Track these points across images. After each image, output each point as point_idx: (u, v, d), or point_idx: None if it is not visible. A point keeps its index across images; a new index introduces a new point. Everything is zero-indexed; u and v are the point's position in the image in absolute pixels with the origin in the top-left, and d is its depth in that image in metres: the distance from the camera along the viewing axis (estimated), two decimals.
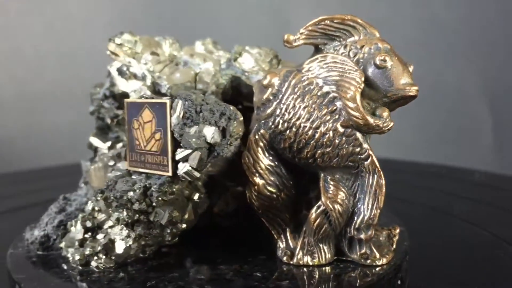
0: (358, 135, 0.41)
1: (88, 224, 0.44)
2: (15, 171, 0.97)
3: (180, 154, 0.40)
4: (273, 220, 0.46)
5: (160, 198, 0.41)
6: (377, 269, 0.42)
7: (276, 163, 0.45)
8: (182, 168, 0.40)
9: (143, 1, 1.13)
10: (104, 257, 0.43)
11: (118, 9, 1.13)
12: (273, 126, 0.43)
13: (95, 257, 0.43)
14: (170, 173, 0.41)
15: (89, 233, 0.45)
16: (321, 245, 0.44)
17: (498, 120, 1.17)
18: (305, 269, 0.43)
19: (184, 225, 0.44)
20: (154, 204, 0.42)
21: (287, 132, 0.43)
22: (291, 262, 0.44)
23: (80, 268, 0.44)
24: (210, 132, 0.39)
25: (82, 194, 0.50)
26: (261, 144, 0.44)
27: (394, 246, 0.45)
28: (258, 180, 0.44)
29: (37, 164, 1.02)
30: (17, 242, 0.50)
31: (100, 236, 0.44)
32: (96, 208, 0.44)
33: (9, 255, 0.47)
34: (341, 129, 0.41)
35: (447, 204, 0.71)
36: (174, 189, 0.41)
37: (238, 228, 0.53)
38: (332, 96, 0.41)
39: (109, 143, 0.54)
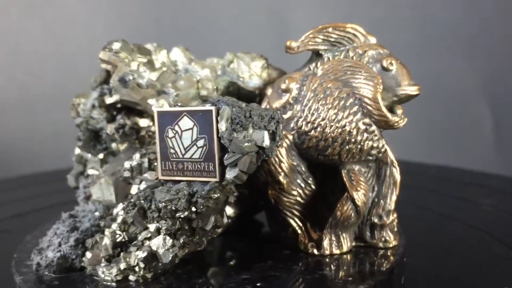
0: (377, 131, 0.46)
1: (118, 238, 0.44)
2: (17, 175, 0.97)
3: (230, 159, 0.41)
4: (295, 216, 0.49)
5: (205, 204, 0.42)
6: (390, 251, 0.48)
7: (298, 162, 0.48)
8: (231, 172, 0.42)
9: (142, 3, 1.14)
10: (143, 269, 0.43)
11: (117, 12, 1.13)
12: (296, 127, 0.47)
13: (132, 271, 0.43)
14: (217, 178, 0.42)
15: (118, 248, 0.44)
16: (344, 234, 0.48)
17: (498, 120, 1.16)
18: (333, 257, 0.47)
19: (221, 229, 0.45)
20: (198, 210, 0.42)
21: (312, 132, 0.46)
22: (318, 253, 0.47)
23: (114, 284, 0.43)
24: (261, 136, 0.41)
25: (91, 209, 0.48)
26: (284, 145, 0.47)
27: (396, 229, 0.50)
28: (282, 179, 0.47)
29: (38, 167, 1.01)
30: (20, 267, 0.47)
31: (133, 249, 0.43)
32: (129, 221, 0.43)
33: (22, 282, 0.44)
34: (363, 127, 0.46)
35: (443, 205, 0.73)
36: (219, 194, 0.42)
37: (240, 231, 0.55)
38: (354, 98, 0.46)
39: (101, 155, 0.52)
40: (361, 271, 0.44)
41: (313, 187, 0.48)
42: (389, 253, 0.47)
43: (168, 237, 0.42)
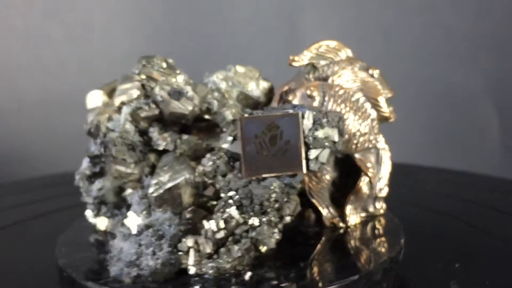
0: (377, 125, 0.60)
1: (219, 236, 0.48)
2: (40, 175, 0.99)
3: (314, 153, 0.50)
4: (320, 199, 0.59)
5: (294, 194, 0.50)
6: (382, 218, 0.62)
7: None
8: (315, 165, 0.51)
9: (158, 9, 1.18)
10: (246, 260, 0.49)
11: (134, 16, 1.17)
12: None
13: (237, 263, 0.48)
14: (304, 171, 0.50)
15: (216, 246, 0.49)
16: (359, 208, 0.60)
17: (504, 122, 1.19)
18: (355, 226, 0.59)
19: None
20: (286, 199, 0.50)
21: None
22: (343, 225, 0.59)
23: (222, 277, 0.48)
24: (334, 133, 0.51)
25: (166, 217, 0.51)
26: None
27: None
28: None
29: (58, 168, 1.02)
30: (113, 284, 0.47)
31: (231, 243, 0.49)
32: (228, 219, 0.49)
33: None
34: (372, 123, 0.59)
35: (451, 207, 0.76)
36: (301, 184, 0.51)
37: None
38: (363, 101, 0.59)
39: (138, 167, 0.54)
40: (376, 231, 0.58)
41: (334, 174, 0.60)
42: (387, 219, 0.62)
43: (268, 226, 0.49)
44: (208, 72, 0.60)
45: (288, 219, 0.50)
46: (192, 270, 0.48)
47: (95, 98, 0.58)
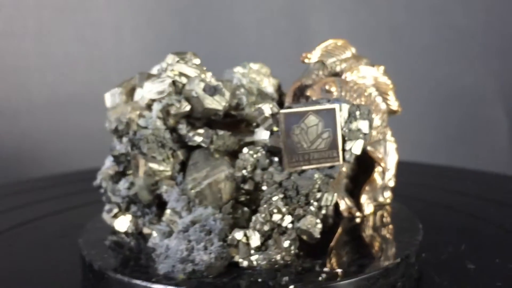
0: (387, 118, 0.63)
1: (266, 228, 0.50)
2: (51, 174, 1.01)
3: (349, 145, 0.52)
4: (339, 190, 0.62)
5: (332, 183, 0.52)
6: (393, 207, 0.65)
7: None
8: (351, 156, 0.53)
9: (168, 8, 1.19)
10: (292, 250, 0.50)
11: (144, 16, 1.19)
12: None
13: (285, 253, 0.50)
14: (340, 162, 0.52)
15: (263, 238, 0.50)
16: (372, 198, 0.63)
17: None
18: (371, 216, 0.62)
19: None
20: (325, 190, 0.52)
21: None
22: (360, 214, 0.62)
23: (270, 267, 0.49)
24: (366, 126, 0.53)
25: (209, 213, 0.51)
26: None
27: None
28: None
29: (68, 166, 1.05)
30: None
31: (276, 235, 0.50)
32: (275, 211, 0.50)
33: None
34: (382, 116, 0.62)
35: (466, 204, 0.78)
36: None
37: None
38: (375, 95, 0.62)
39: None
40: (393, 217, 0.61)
41: (349, 166, 0.62)
42: (395, 208, 0.65)
43: (312, 217, 0.51)
44: (218, 72, 0.60)
45: (329, 208, 0.52)
46: (243, 263, 0.48)
47: (115, 96, 0.56)
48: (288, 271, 0.48)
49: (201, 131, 0.53)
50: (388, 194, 0.65)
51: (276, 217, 0.50)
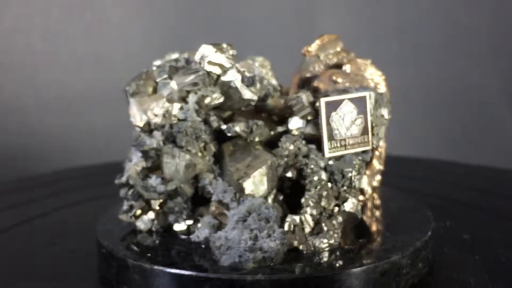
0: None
1: (316, 212, 0.52)
2: (59, 169, 1.02)
3: (376, 130, 0.56)
4: None
5: (364, 168, 0.56)
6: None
7: None
8: (376, 140, 0.56)
9: (175, 6, 1.20)
10: (340, 232, 0.53)
11: (151, 14, 1.20)
12: None
13: (335, 234, 0.52)
14: (370, 147, 0.56)
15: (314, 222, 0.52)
16: (370, 183, 0.68)
17: None
18: (372, 197, 0.66)
19: None
20: (362, 173, 0.55)
21: None
22: (363, 198, 0.66)
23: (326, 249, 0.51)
24: (386, 112, 0.57)
25: (260, 201, 0.51)
26: None
27: None
28: None
29: (75, 162, 1.05)
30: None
31: (325, 218, 0.52)
32: (324, 194, 0.52)
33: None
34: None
35: (478, 199, 0.78)
36: None
37: None
38: (372, 85, 0.66)
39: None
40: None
41: None
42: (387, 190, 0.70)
43: (355, 199, 0.54)
44: None
45: (367, 191, 0.55)
46: (302, 247, 0.50)
47: (139, 88, 0.54)
48: (346, 249, 0.50)
49: (240, 121, 0.53)
50: (378, 177, 0.70)
51: (324, 201, 0.51)
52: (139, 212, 0.55)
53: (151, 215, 0.55)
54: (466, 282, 0.52)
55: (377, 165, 0.67)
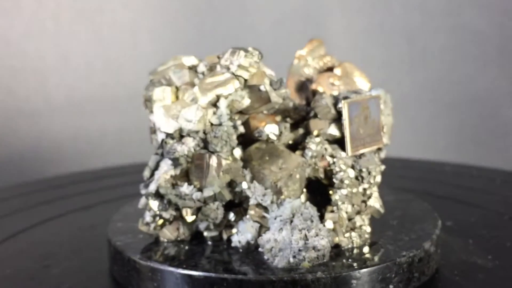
0: None
1: (347, 209, 0.54)
2: (70, 172, 1.04)
3: (385, 128, 0.60)
4: None
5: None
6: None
7: None
8: (387, 139, 0.60)
9: (184, 10, 1.21)
10: (368, 226, 0.56)
11: (160, 18, 1.21)
12: None
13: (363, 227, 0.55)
14: (383, 144, 0.59)
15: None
16: None
17: None
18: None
19: None
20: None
21: None
22: None
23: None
24: (390, 111, 0.61)
25: (298, 202, 0.52)
26: None
27: None
28: None
29: (85, 166, 1.10)
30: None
31: (354, 214, 0.55)
32: (354, 191, 0.54)
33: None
34: None
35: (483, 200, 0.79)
36: None
37: None
38: (360, 82, 0.70)
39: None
40: None
41: None
42: None
43: (377, 194, 0.57)
44: None
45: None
46: (342, 243, 0.52)
47: (163, 95, 0.53)
48: (384, 241, 0.53)
49: (271, 124, 0.54)
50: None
51: (355, 198, 0.54)
52: (161, 222, 0.54)
53: (177, 224, 0.54)
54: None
55: None
